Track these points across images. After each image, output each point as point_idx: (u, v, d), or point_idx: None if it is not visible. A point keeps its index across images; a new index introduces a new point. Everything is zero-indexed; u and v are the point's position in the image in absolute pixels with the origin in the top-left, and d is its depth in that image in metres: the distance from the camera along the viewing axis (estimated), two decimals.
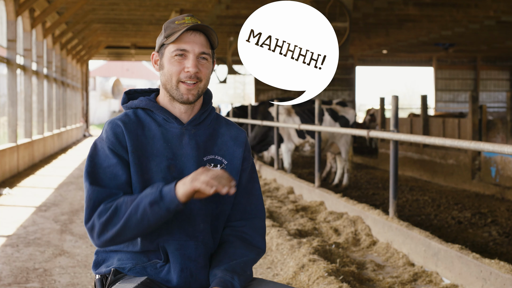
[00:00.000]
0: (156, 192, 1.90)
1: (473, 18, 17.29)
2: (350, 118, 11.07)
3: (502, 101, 30.17)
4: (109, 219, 1.94)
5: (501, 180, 10.02)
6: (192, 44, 2.05)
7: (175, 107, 2.12)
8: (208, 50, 2.08)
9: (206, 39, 2.08)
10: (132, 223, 1.91)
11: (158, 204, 1.89)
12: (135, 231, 1.94)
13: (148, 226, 1.93)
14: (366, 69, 34.62)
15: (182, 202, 1.89)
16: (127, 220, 1.92)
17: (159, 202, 1.89)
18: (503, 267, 3.88)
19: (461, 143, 4.53)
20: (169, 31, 2.06)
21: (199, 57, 2.06)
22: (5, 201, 8.71)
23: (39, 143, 15.52)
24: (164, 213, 1.90)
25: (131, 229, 1.93)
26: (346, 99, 28.74)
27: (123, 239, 1.97)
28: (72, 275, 4.81)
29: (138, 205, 1.91)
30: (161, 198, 1.89)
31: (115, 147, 2.03)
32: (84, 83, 30.12)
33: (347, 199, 6.90)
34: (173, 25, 2.06)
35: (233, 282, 2.00)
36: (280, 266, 4.92)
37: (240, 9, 16.20)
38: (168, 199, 1.88)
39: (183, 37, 2.05)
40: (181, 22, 2.05)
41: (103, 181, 2.00)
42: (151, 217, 1.90)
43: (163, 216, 1.91)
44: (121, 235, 1.95)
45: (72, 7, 15.31)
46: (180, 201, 1.89)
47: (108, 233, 1.94)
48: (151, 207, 1.89)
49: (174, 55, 2.05)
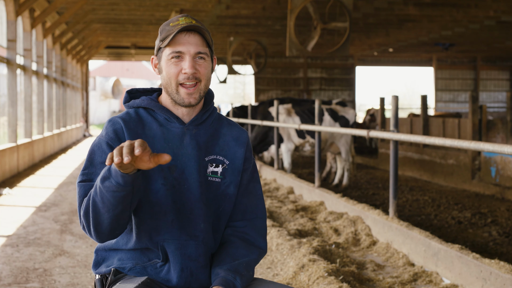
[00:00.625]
0: (106, 169, 1.85)
1: (473, 18, 17.29)
2: (350, 118, 11.07)
3: (502, 101, 30.17)
4: (86, 211, 1.92)
5: (501, 180, 10.02)
6: (187, 45, 2.03)
7: (177, 109, 2.11)
8: (205, 48, 2.06)
9: (201, 38, 2.06)
10: (98, 207, 1.88)
11: (109, 179, 1.83)
12: (106, 215, 1.89)
13: (113, 206, 1.86)
14: (366, 69, 34.66)
15: (125, 173, 1.80)
16: (93, 205, 1.89)
17: (109, 177, 1.83)
18: (503, 267, 3.88)
19: (461, 143, 4.53)
20: (164, 34, 2.05)
21: (195, 57, 2.04)
22: (5, 201, 8.71)
23: (39, 143, 15.52)
24: (116, 187, 1.82)
25: (101, 214, 1.89)
26: (346, 99, 28.74)
27: (105, 227, 1.92)
28: (72, 275, 4.81)
29: (96, 187, 1.88)
30: (109, 173, 1.83)
31: (114, 143, 2.03)
32: (84, 83, 30.12)
33: (347, 199, 6.90)
34: (168, 28, 2.05)
35: (235, 282, 2.00)
36: (280, 266, 4.92)
37: (240, 9, 16.20)
38: (113, 171, 1.82)
39: (178, 39, 2.03)
40: (175, 23, 2.04)
41: (97, 175, 1.99)
42: (107, 194, 1.84)
43: (118, 191, 1.83)
44: (100, 223, 1.91)
45: (72, 7, 15.31)
46: (122, 172, 1.80)
47: (91, 225, 1.92)
48: (103, 184, 1.84)
49: (171, 58, 2.04)
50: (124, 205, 1.89)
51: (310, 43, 11.84)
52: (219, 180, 2.12)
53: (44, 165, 14.45)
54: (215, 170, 2.12)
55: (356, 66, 29.78)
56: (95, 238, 1.98)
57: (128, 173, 1.80)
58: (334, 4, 11.73)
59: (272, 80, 28.95)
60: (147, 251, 2.07)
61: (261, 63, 24.44)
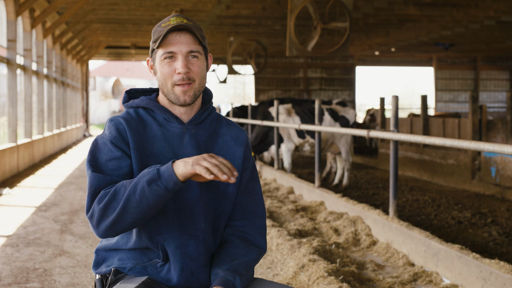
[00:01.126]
0: (153, 171, 1.86)
1: (473, 18, 17.29)
2: (350, 118, 11.07)
3: (502, 101, 30.18)
4: (107, 204, 1.89)
5: (501, 180, 10.02)
6: (179, 44, 2.02)
7: (175, 109, 2.12)
8: (197, 47, 2.05)
9: (193, 37, 2.05)
10: (131, 205, 1.87)
11: (156, 183, 1.84)
12: (135, 215, 1.88)
13: (148, 209, 1.88)
14: (366, 69, 34.65)
15: (181, 181, 1.85)
16: (125, 202, 1.87)
17: (157, 180, 1.84)
18: (503, 267, 3.88)
19: (461, 143, 4.53)
20: (156, 35, 2.05)
21: (188, 56, 2.04)
22: (5, 201, 8.71)
23: (39, 143, 15.52)
24: (163, 191, 1.84)
25: (130, 213, 1.88)
26: (346, 99, 28.75)
27: (123, 225, 1.91)
28: (72, 275, 4.81)
29: (136, 185, 1.86)
30: (159, 177, 1.84)
31: (118, 142, 2.03)
32: (84, 83, 30.12)
33: (347, 199, 6.90)
34: (160, 29, 2.05)
35: (234, 282, 1.99)
36: (280, 266, 4.92)
37: (240, 9, 16.20)
38: (166, 176, 1.84)
39: (169, 39, 2.03)
40: (167, 24, 2.03)
41: (105, 172, 1.99)
42: (149, 197, 1.85)
43: (162, 196, 1.85)
44: (121, 220, 1.89)
45: (72, 7, 15.32)
46: (178, 179, 1.84)
47: (108, 219, 1.90)
48: (149, 186, 1.84)
49: (164, 59, 2.04)
50: (157, 209, 1.91)
51: (310, 43, 11.85)
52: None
53: (44, 165, 14.45)
54: None
55: (356, 66, 29.78)
56: (100, 231, 1.94)
57: (182, 181, 1.86)
58: (334, 4, 11.73)
59: (272, 80, 28.96)
60: (147, 251, 2.07)
61: (261, 63, 24.45)
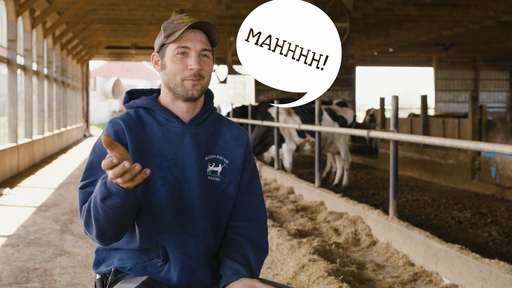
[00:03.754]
0: (102, 187, 1.82)
1: (473, 18, 17.29)
2: (348, 118, 11.09)
3: (502, 101, 30.17)
4: (86, 222, 1.94)
5: (501, 180, 10.02)
6: (194, 41, 2.06)
7: (177, 107, 2.12)
8: (209, 47, 2.09)
9: (206, 37, 2.10)
10: (102, 222, 1.88)
11: (110, 198, 1.81)
12: (112, 226, 1.89)
13: (120, 218, 1.87)
14: (366, 69, 34.61)
15: (130, 187, 1.77)
16: (96, 220, 1.89)
17: (110, 196, 1.81)
18: (503, 267, 3.89)
19: (461, 143, 4.53)
20: (169, 31, 2.07)
21: (200, 54, 2.07)
22: (5, 201, 8.71)
23: (39, 143, 15.53)
24: (120, 203, 1.81)
25: (105, 226, 1.89)
26: (346, 99, 28.75)
27: (110, 235, 1.94)
28: (73, 275, 4.81)
29: (96, 205, 1.86)
30: (109, 193, 1.80)
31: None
32: (84, 83, 30.12)
33: (347, 199, 6.90)
34: (173, 25, 2.08)
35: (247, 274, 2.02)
36: (280, 266, 4.92)
37: (240, 9, 16.20)
38: (113, 190, 1.79)
39: (184, 35, 2.06)
40: (180, 21, 2.07)
41: (98, 178, 2.00)
42: (112, 211, 1.83)
43: (124, 205, 1.82)
44: (104, 233, 1.92)
45: (72, 7, 15.32)
46: (125, 188, 1.77)
47: (94, 234, 1.94)
48: (105, 203, 1.82)
49: (176, 53, 2.06)
50: (129, 214, 1.92)
51: None
52: (218, 179, 2.13)
53: (44, 165, 14.45)
54: (214, 170, 2.13)
55: (356, 66, 29.78)
56: (99, 243, 2.01)
57: (131, 187, 1.79)
58: (334, 4, 11.74)
59: None
60: (147, 250, 2.07)
61: None
